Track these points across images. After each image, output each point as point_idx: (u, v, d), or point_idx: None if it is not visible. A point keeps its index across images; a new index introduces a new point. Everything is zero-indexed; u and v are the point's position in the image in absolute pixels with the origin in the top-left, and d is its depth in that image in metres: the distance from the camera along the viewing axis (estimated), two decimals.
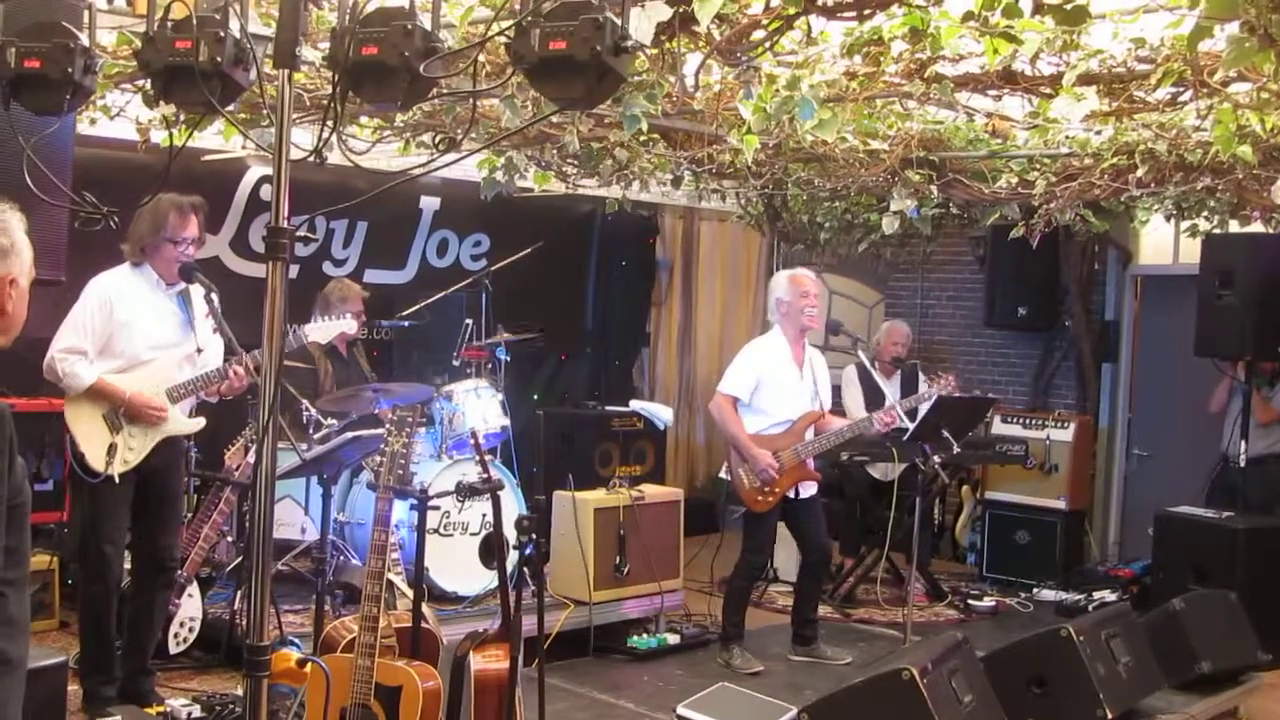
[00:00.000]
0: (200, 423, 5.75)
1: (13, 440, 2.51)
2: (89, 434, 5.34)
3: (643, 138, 5.86)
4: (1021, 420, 9.64)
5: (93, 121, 5.71)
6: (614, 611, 7.41)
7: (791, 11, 3.87)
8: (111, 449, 5.34)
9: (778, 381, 7.07)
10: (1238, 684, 6.59)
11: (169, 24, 2.95)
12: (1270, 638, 6.82)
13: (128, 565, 5.75)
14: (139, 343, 5.48)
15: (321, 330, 6.21)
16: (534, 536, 4.80)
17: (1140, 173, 5.93)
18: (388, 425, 4.75)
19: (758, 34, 4.14)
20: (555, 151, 6.60)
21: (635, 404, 9.27)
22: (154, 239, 5.50)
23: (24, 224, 2.70)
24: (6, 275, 2.63)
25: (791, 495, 7.07)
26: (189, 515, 6.62)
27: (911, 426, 7.35)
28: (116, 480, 5.35)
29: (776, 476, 6.92)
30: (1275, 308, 7.75)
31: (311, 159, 2.95)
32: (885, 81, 4.93)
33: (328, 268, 8.71)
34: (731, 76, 4.88)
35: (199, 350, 5.67)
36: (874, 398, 8.15)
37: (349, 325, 6.49)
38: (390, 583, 4.66)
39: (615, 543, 7.37)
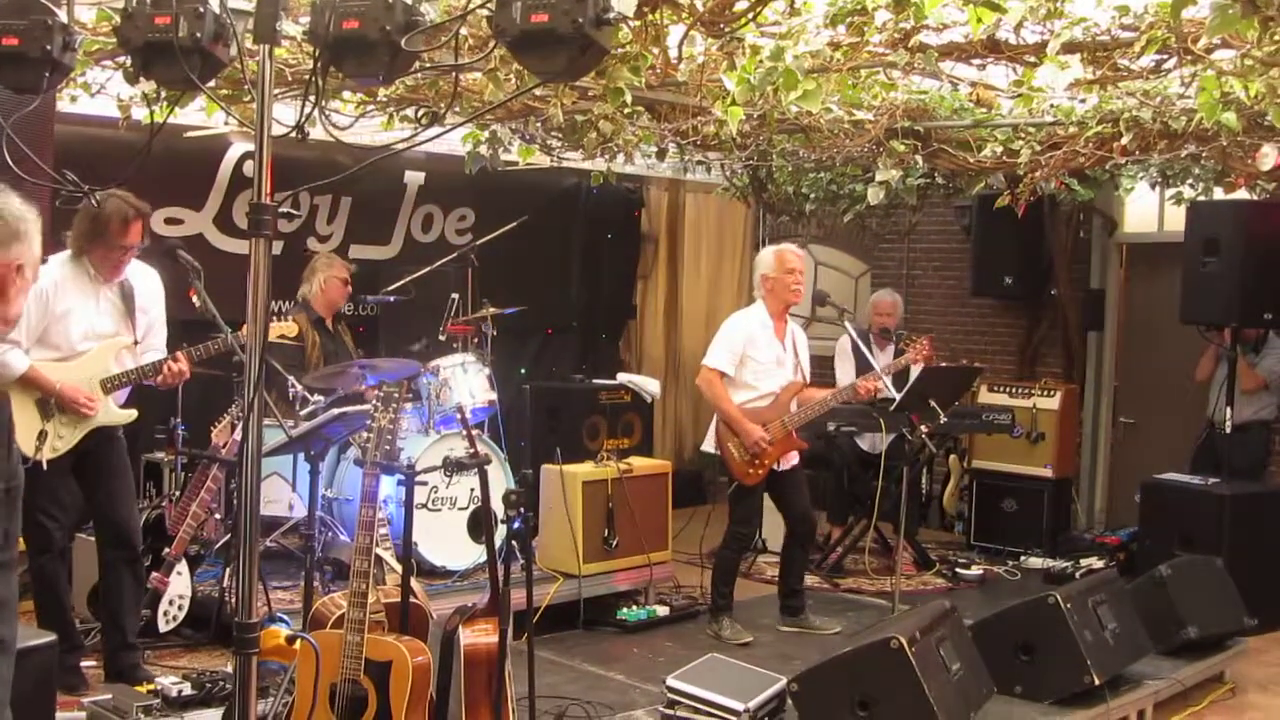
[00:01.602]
0: (131, 414, 5.71)
1: (10, 426, 2.52)
2: (19, 420, 5.31)
3: (627, 110, 5.84)
4: (1008, 389, 9.65)
5: (73, 99, 5.68)
6: (603, 584, 7.41)
7: None
8: (42, 435, 5.34)
9: (761, 355, 7.07)
10: (1224, 649, 6.64)
11: (148, 0, 2.93)
12: (1256, 603, 6.86)
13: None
14: (75, 333, 5.45)
15: None
16: (522, 510, 4.80)
17: (1125, 141, 5.93)
18: (374, 401, 4.75)
19: (741, 5, 4.13)
20: (539, 125, 6.58)
21: (622, 377, 9.27)
22: (92, 242, 5.44)
23: (39, 220, 2.69)
24: (15, 260, 2.67)
25: (775, 467, 7.08)
26: (176, 494, 6.62)
27: (898, 396, 7.36)
28: (45, 466, 5.34)
29: (767, 449, 6.93)
30: (1260, 274, 7.77)
31: (294, 135, 2.94)
32: (869, 52, 4.93)
33: (312, 243, 8.68)
34: (715, 48, 4.87)
35: (136, 342, 5.65)
36: (865, 370, 8.14)
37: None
38: (379, 558, 4.65)
39: (604, 516, 7.38)
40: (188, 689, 5.18)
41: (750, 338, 7.07)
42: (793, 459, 7.20)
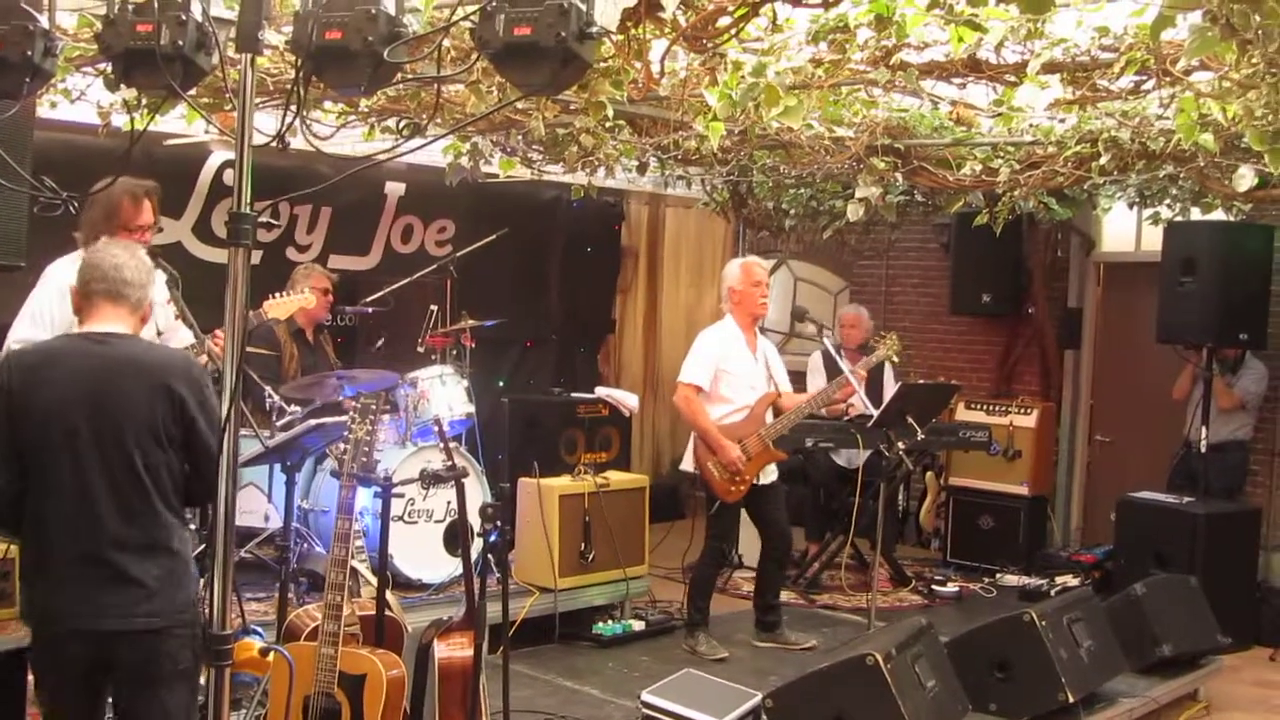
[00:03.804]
0: None
1: None
2: None
3: (608, 124, 5.84)
4: (985, 407, 9.69)
5: (53, 105, 5.64)
6: (579, 598, 7.40)
7: None
8: None
9: (734, 369, 7.09)
10: (1198, 667, 6.67)
11: (130, 7, 2.92)
12: (1230, 621, 6.90)
13: None
14: None
15: (281, 306, 6.15)
16: (498, 524, 4.80)
17: (1103, 160, 5.96)
18: (351, 412, 4.73)
19: (723, 20, 4.13)
20: (521, 137, 6.58)
21: (601, 390, 9.25)
22: (108, 226, 5.39)
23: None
24: (151, 298, 3.86)
25: (755, 481, 7.07)
26: None
27: (875, 413, 7.38)
28: None
29: (742, 468, 6.93)
30: (1236, 295, 7.83)
31: (275, 144, 2.93)
32: (851, 69, 4.94)
33: (291, 253, 8.65)
34: (697, 63, 4.88)
35: (160, 333, 5.60)
36: None
37: (307, 300, 6.44)
38: (354, 570, 4.63)
39: (580, 529, 7.37)
40: None
41: (723, 351, 7.10)
42: (772, 474, 7.20)
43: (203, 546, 6.54)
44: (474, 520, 4.95)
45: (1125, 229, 9.70)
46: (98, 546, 3.58)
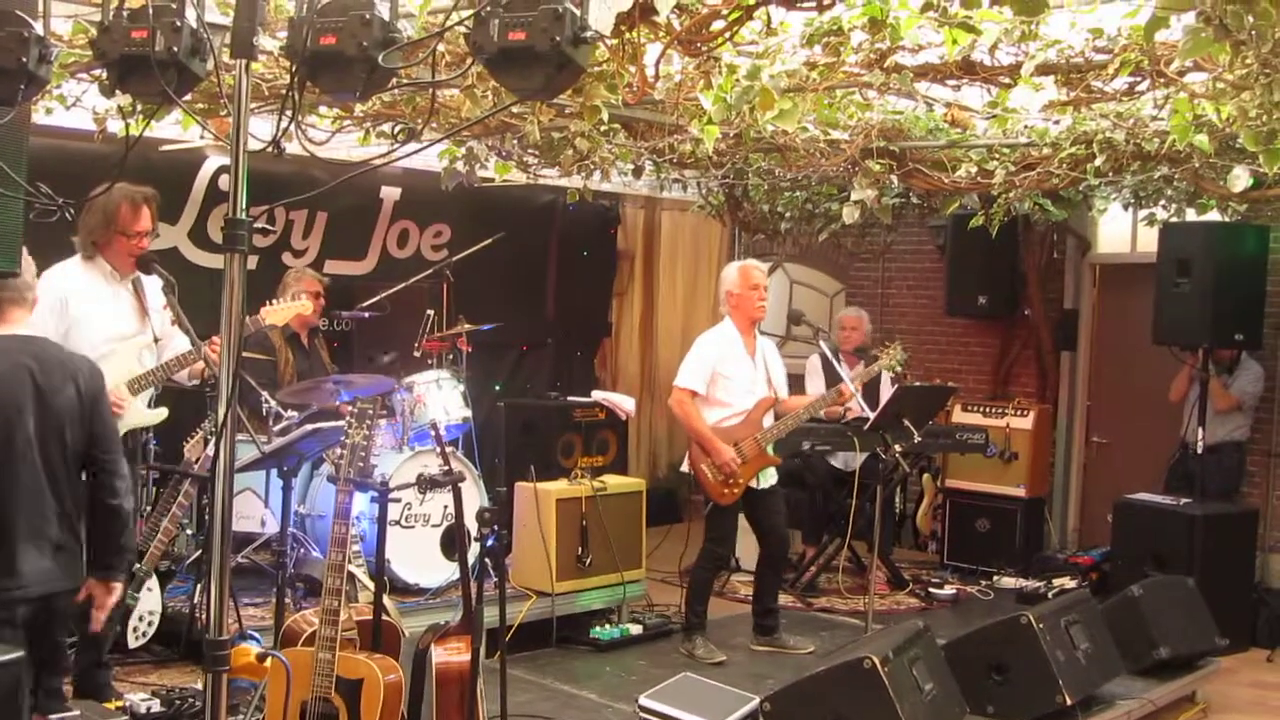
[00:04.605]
0: (162, 413, 5.68)
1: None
2: None
3: (603, 128, 5.84)
4: (982, 409, 9.68)
5: (49, 111, 5.64)
6: (576, 602, 7.39)
7: (751, 2, 3.88)
8: None
9: (732, 372, 7.08)
10: (1195, 669, 6.67)
11: (125, 13, 2.92)
12: (1227, 623, 6.90)
13: None
14: (96, 336, 5.39)
15: (278, 312, 6.16)
16: (495, 528, 4.79)
17: (1098, 162, 5.97)
18: (348, 417, 4.73)
19: (717, 24, 4.14)
20: (516, 141, 6.57)
21: (597, 394, 9.26)
22: (105, 233, 5.42)
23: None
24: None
25: (752, 485, 7.07)
26: (148, 508, 6.57)
27: (872, 415, 7.38)
28: None
29: (737, 469, 6.93)
30: (1232, 295, 7.83)
31: (270, 150, 2.93)
32: (845, 72, 4.95)
33: (287, 258, 8.64)
34: (692, 67, 4.88)
35: (157, 339, 5.61)
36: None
37: (304, 306, 6.44)
38: (351, 575, 4.63)
39: (577, 534, 7.36)
40: (157, 706, 5.15)
41: (721, 355, 7.09)
42: (772, 478, 7.20)
43: (199, 552, 6.59)
44: (471, 524, 4.95)
45: (1120, 230, 9.71)
46: (44, 528, 4.13)
